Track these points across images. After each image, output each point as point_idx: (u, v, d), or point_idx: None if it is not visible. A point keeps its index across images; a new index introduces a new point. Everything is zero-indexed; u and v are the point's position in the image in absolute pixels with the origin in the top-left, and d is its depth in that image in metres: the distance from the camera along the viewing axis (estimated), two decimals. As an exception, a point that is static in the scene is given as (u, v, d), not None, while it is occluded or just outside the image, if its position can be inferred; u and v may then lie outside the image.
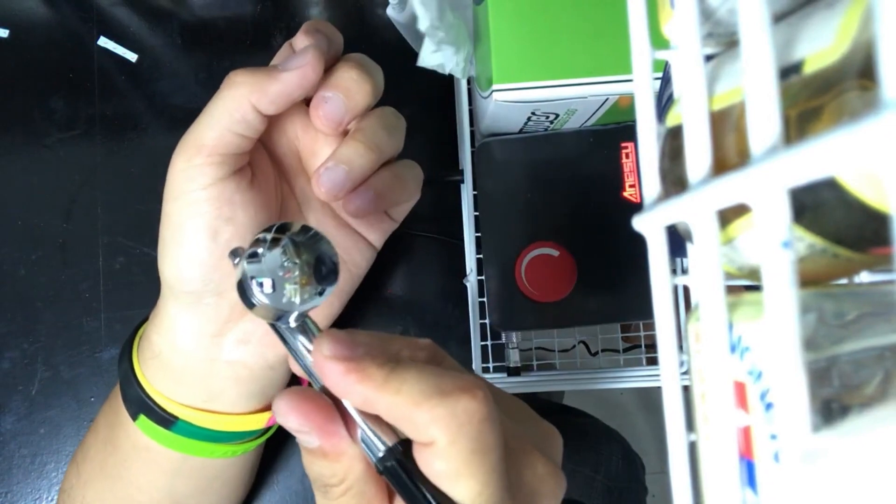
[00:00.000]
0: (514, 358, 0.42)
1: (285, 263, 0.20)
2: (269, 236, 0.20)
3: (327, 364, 0.18)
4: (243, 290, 0.20)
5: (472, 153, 0.41)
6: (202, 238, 0.26)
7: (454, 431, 0.18)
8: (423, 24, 0.33)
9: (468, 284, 0.41)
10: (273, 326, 0.21)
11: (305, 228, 0.21)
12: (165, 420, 0.30)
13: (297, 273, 0.20)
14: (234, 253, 0.21)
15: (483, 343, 0.41)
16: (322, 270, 0.20)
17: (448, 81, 0.42)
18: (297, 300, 0.20)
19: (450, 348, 0.45)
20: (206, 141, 0.26)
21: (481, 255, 0.40)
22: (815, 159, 0.11)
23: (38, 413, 0.42)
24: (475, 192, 0.41)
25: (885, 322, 0.16)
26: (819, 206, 0.13)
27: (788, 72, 0.14)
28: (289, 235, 0.20)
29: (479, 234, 0.40)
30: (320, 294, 0.20)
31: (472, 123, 0.42)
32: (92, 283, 0.44)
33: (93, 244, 0.44)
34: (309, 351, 0.21)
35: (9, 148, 0.45)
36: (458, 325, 0.45)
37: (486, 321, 0.40)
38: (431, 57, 0.35)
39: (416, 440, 0.19)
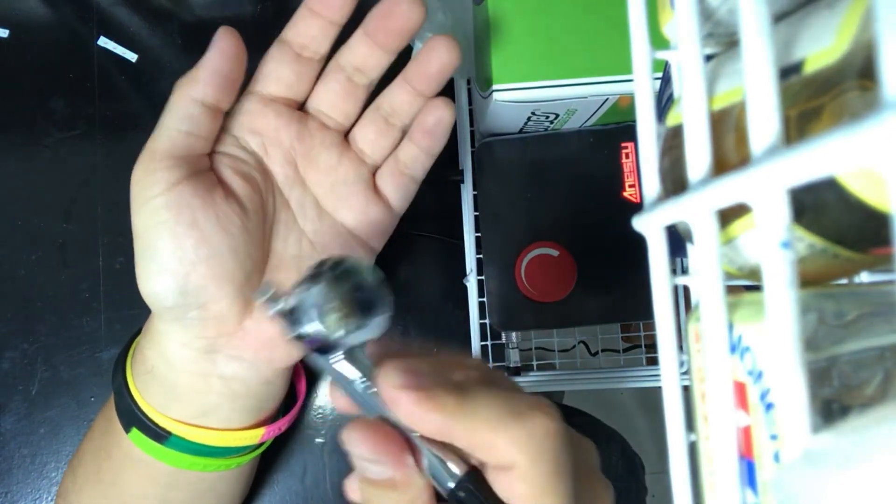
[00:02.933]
0: (514, 358, 0.42)
1: (328, 295, 0.19)
2: (312, 271, 0.20)
3: (400, 395, 0.18)
4: (288, 322, 0.20)
5: (472, 153, 0.41)
6: (167, 246, 0.26)
7: (535, 453, 0.17)
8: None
9: (468, 284, 0.41)
10: (319, 359, 0.21)
11: (347, 260, 0.20)
12: (158, 435, 0.29)
13: (337, 303, 0.19)
14: (267, 286, 0.21)
15: (483, 343, 0.41)
16: (365, 299, 0.20)
17: (448, 81, 0.42)
18: (342, 331, 0.20)
19: (450, 347, 0.45)
20: (158, 146, 0.26)
21: (481, 255, 0.40)
22: (815, 160, 0.11)
23: (38, 413, 0.42)
24: (475, 192, 0.41)
25: (885, 322, 0.16)
26: (819, 206, 0.13)
27: (788, 72, 0.14)
28: (329, 266, 0.20)
29: (479, 234, 0.40)
30: (366, 325, 0.20)
31: (472, 123, 0.42)
32: (92, 283, 0.44)
33: (93, 244, 0.44)
34: (363, 383, 0.20)
35: (9, 148, 0.45)
36: (458, 325, 0.45)
37: (486, 321, 0.40)
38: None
39: (494, 464, 0.18)
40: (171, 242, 0.26)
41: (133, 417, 0.29)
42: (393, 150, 0.32)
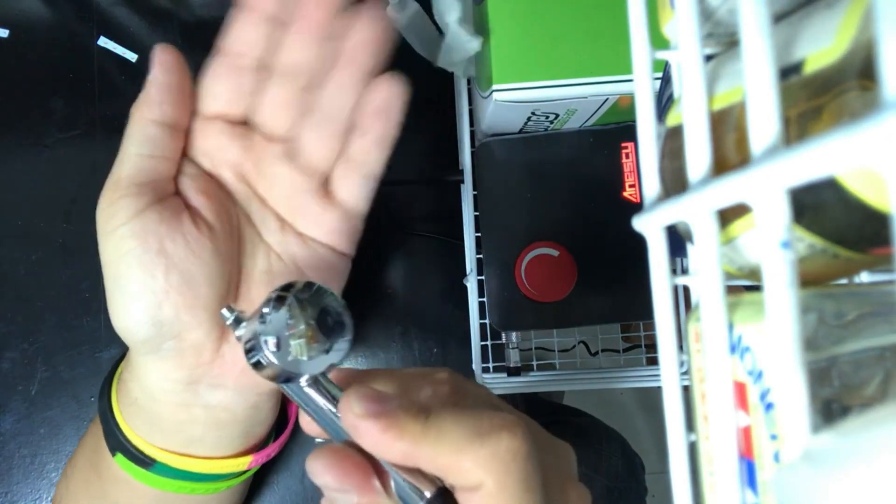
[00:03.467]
0: (514, 358, 0.42)
1: (289, 321, 0.19)
2: (273, 295, 0.20)
3: (362, 424, 0.18)
4: (248, 351, 0.20)
5: (472, 153, 0.41)
6: (137, 276, 0.25)
7: (502, 473, 0.17)
8: (452, 16, 0.32)
9: (468, 284, 0.41)
10: (285, 387, 0.20)
11: (309, 285, 0.20)
12: (143, 462, 0.28)
13: (301, 328, 0.19)
14: (230, 309, 0.21)
15: (483, 343, 0.41)
16: (328, 324, 0.20)
17: (448, 81, 0.42)
18: (305, 357, 0.19)
19: (450, 348, 0.45)
20: (120, 174, 0.26)
21: (481, 255, 0.40)
22: (815, 160, 0.11)
23: (38, 413, 0.42)
24: (475, 192, 0.41)
25: (885, 322, 0.16)
26: (819, 206, 0.13)
27: (788, 72, 0.14)
28: (293, 293, 0.19)
29: (479, 234, 0.40)
30: (327, 351, 0.20)
31: (472, 123, 0.42)
32: (92, 283, 0.44)
33: (93, 244, 0.44)
34: (328, 409, 0.20)
35: (9, 148, 0.45)
36: (458, 325, 0.45)
37: (486, 321, 0.40)
38: (458, 50, 0.33)
39: (462, 486, 0.18)
40: (139, 272, 0.25)
41: (118, 444, 0.29)
42: (343, 149, 0.30)
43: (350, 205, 0.30)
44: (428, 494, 0.18)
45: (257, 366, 0.20)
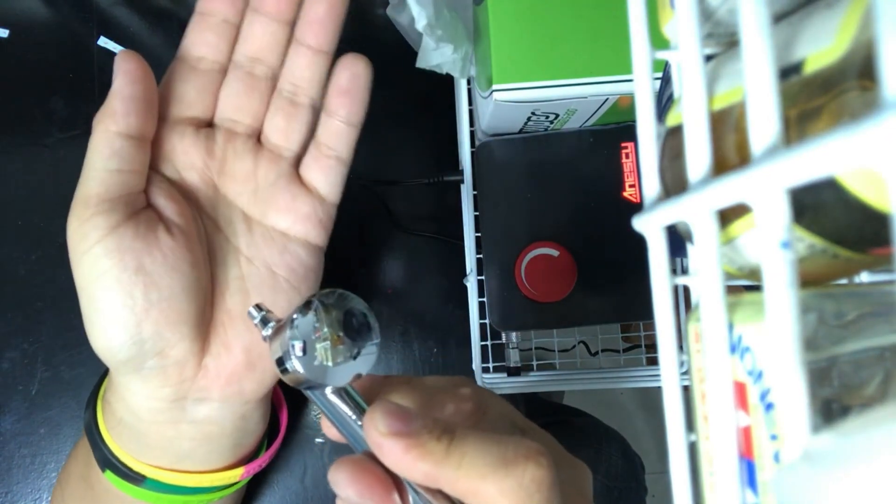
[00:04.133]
0: (514, 358, 0.42)
1: (315, 324, 0.19)
2: (301, 302, 0.20)
3: (386, 443, 0.17)
4: (279, 360, 0.20)
5: (472, 153, 0.41)
6: (115, 297, 0.24)
7: (525, 502, 0.17)
8: (420, 23, 0.33)
9: (468, 284, 0.41)
10: (310, 393, 0.20)
11: (333, 291, 0.20)
12: (133, 478, 0.28)
13: (326, 332, 0.19)
14: (258, 308, 0.21)
15: (483, 343, 0.41)
16: (354, 326, 0.20)
17: (448, 81, 0.42)
18: (330, 363, 0.19)
19: (450, 348, 0.45)
20: (89, 192, 0.25)
21: (481, 255, 0.40)
22: (815, 160, 0.11)
23: (38, 413, 0.42)
24: (475, 192, 0.41)
25: (885, 322, 0.16)
26: (819, 206, 0.13)
27: (788, 72, 0.14)
28: (318, 297, 0.20)
29: (479, 234, 0.40)
30: (355, 357, 0.20)
31: (472, 123, 0.42)
32: (92, 283, 0.43)
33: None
34: (352, 419, 0.20)
35: (9, 148, 0.45)
36: (458, 325, 0.45)
37: (486, 321, 0.40)
38: (431, 55, 0.35)
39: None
40: (118, 292, 0.24)
41: (107, 461, 0.28)
42: (311, 134, 0.29)
43: (322, 191, 0.30)
44: None
45: (285, 372, 0.20)
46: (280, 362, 0.20)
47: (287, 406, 0.36)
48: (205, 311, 0.27)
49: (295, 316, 0.19)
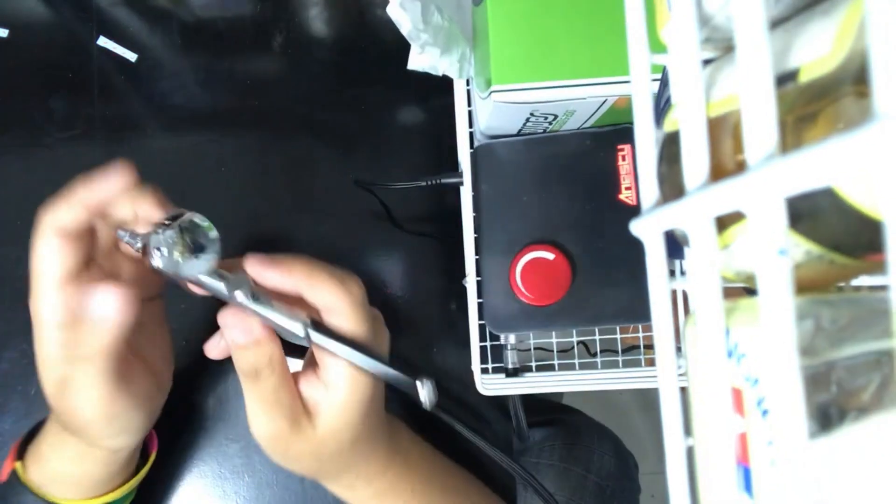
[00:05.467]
0: (511, 359, 0.42)
1: (174, 239, 0.27)
2: (165, 220, 0.28)
3: (265, 264, 0.28)
4: (146, 256, 0.27)
5: (471, 154, 0.41)
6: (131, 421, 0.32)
7: (351, 302, 0.29)
8: (404, 29, 0.34)
9: (467, 285, 0.41)
10: (201, 279, 0.28)
11: (190, 215, 0.28)
12: None
13: (180, 245, 0.27)
14: (123, 232, 0.29)
15: (482, 344, 0.41)
16: (200, 243, 0.28)
17: (447, 82, 0.42)
18: (181, 261, 0.27)
19: (449, 348, 0.45)
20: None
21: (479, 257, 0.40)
22: (811, 167, 0.11)
23: (38, 413, 0.42)
24: (473, 194, 0.41)
25: (881, 327, 0.16)
26: (815, 212, 0.13)
27: (785, 79, 0.14)
28: (178, 223, 0.27)
29: (477, 236, 0.40)
30: (197, 258, 0.27)
31: (471, 125, 0.42)
32: (92, 283, 0.43)
33: (92, 244, 0.44)
34: (221, 285, 0.28)
35: (9, 148, 0.45)
36: (457, 325, 0.45)
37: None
38: (417, 59, 0.35)
39: (326, 308, 0.29)
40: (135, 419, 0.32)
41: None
42: None
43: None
44: (306, 318, 0.28)
45: (157, 270, 0.27)
46: (150, 261, 0.27)
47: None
48: (140, 381, 0.33)
49: (159, 230, 0.27)
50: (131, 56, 0.46)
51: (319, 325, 0.29)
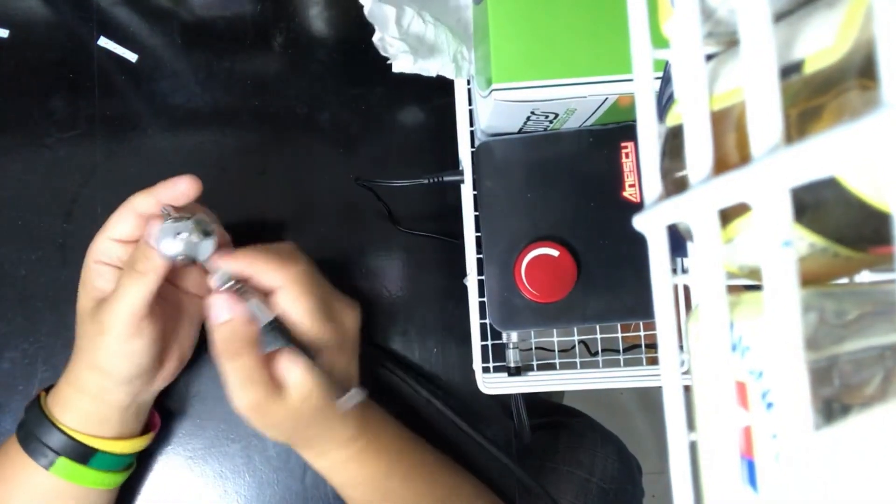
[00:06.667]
0: (513, 358, 0.42)
1: (191, 230, 0.33)
2: (176, 216, 0.34)
3: (221, 258, 0.34)
4: (164, 246, 0.33)
5: (472, 153, 0.41)
6: (140, 356, 0.36)
7: (294, 280, 0.34)
8: (375, 37, 0.36)
9: (468, 284, 0.41)
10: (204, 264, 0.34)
11: (200, 217, 0.34)
12: (84, 454, 0.37)
13: (195, 233, 0.33)
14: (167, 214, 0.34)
15: (483, 343, 0.41)
16: (207, 234, 0.34)
17: (448, 82, 0.42)
18: (196, 241, 0.33)
19: (450, 348, 0.45)
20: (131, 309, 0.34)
21: (481, 255, 0.40)
22: (817, 157, 0.11)
23: (38, 413, 0.42)
24: (475, 193, 0.41)
25: (885, 321, 0.16)
26: (820, 205, 0.13)
27: (789, 71, 0.14)
28: (193, 220, 0.34)
29: (479, 234, 0.40)
30: (206, 243, 0.34)
31: (471, 123, 0.42)
32: (92, 283, 0.43)
33: (93, 244, 0.44)
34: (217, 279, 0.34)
35: (9, 148, 0.45)
36: (458, 325, 0.45)
37: (487, 321, 0.40)
38: (398, 64, 0.36)
39: (275, 287, 0.34)
40: (141, 354, 0.36)
41: (60, 446, 0.37)
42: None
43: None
44: (270, 312, 0.34)
45: (175, 257, 0.33)
46: (164, 251, 0.33)
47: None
48: (163, 348, 0.38)
49: (179, 224, 0.33)
50: (132, 56, 0.46)
51: (278, 324, 0.34)
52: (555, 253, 0.37)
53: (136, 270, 0.34)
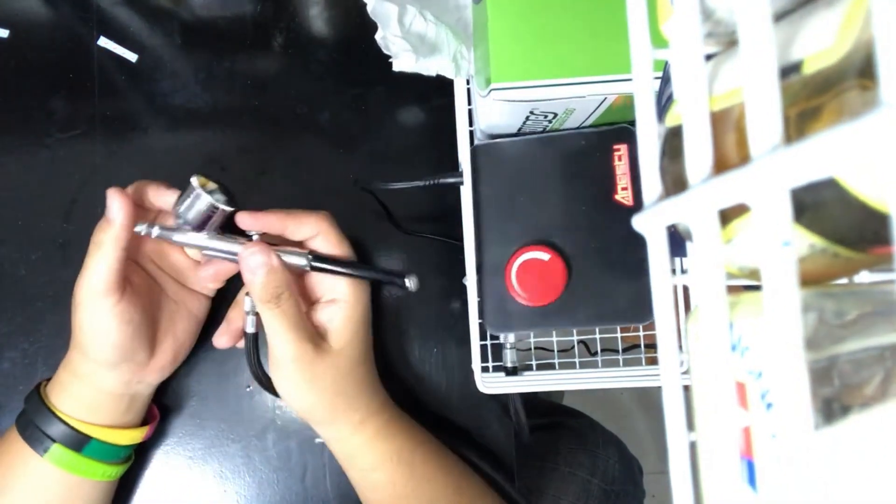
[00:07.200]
0: (510, 358, 0.42)
1: (216, 189, 0.36)
2: (203, 181, 0.36)
3: (254, 216, 0.37)
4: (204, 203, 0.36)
5: (470, 153, 0.41)
6: (117, 334, 0.37)
7: (326, 226, 0.38)
8: (378, 35, 0.35)
9: (468, 284, 0.41)
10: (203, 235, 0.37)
11: (221, 183, 0.37)
12: (80, 441, 0.37)
13: (219, 193, 0.36)
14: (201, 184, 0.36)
15: (482, 343, 0.41)
16: (228, 194, 0.36)
17: (448, 82, 0.42)
18: (219, 198, 0.36)
19: (449, 348, 0.45)
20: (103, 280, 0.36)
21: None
22: (816, 157, 0.11)
23: (38, 413, 0.42)
24: (473, 194, 0.41)
25: (885, 322, 0.16)
26: (819, 205, 0.13)
27: (788, 71, 0.14)
28: (216, 182, 0.36)
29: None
30: (226, 203, 0.36)
31: (471, 123, 0.42)
32: (92, 283, 0.43)
33: (93, 244, 0.44)
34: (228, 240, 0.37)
35: (9, 148, 0.45)
36: (457, 325, 0.45)
37: (486, 321, 0.40)
38: (399, 63, 0.36)
39: (309, 237, 0.38)
40: (119, 332, 0.36)
41: (57, 433, 0.37)
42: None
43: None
44: (307, 252, 0.37)
45: (210, 208, 0.36)
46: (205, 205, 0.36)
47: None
48: (154, 334, 0.39)
49: (209, 185, 0.36)
50: (132, 56, 0.46)
51: (318, 255, 0.37)
52: (545, 257, 0.37)
53: (94, 242, 0.35)
